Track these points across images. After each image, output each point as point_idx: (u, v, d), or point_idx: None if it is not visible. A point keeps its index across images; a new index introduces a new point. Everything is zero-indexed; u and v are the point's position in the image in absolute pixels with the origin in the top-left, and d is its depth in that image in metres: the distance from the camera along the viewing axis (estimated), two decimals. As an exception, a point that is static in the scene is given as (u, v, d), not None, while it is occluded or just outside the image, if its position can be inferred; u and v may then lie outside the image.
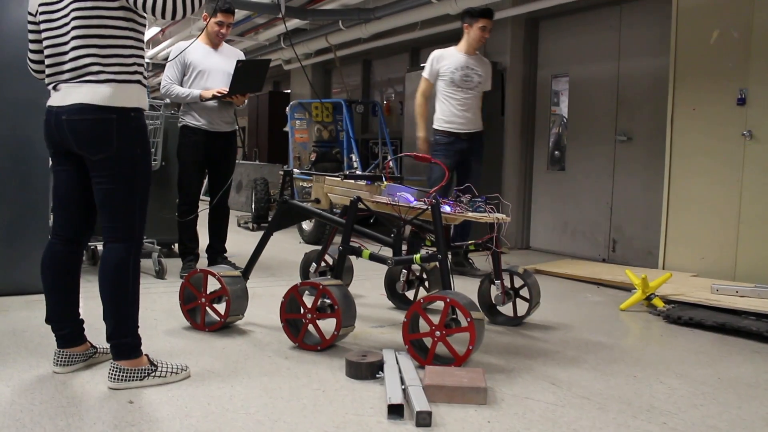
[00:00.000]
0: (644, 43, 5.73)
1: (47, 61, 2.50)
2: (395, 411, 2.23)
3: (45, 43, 2.49)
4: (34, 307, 3.40)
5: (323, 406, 2.33)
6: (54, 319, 2.59)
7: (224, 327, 3.28)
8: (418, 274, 3.96)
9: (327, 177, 3.47)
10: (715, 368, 2.93)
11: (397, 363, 2.68)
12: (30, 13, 2.56)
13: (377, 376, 2.62)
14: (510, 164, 6.75)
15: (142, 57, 2.53)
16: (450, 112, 5.09)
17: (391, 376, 2.52)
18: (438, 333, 2.73)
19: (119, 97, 2.41)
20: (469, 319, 2.65)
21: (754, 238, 4.57)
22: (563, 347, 3.21)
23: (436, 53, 5.22)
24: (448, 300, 2.72)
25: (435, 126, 5.15)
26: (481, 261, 4.81)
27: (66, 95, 2.41)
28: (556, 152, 6.77)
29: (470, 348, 2.68)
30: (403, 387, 2.41)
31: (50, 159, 2.63)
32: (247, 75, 4.33)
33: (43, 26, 2.49)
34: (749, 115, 4.59)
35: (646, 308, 4.06)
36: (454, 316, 2.78)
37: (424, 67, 5.27)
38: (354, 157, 7.03)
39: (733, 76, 4.66)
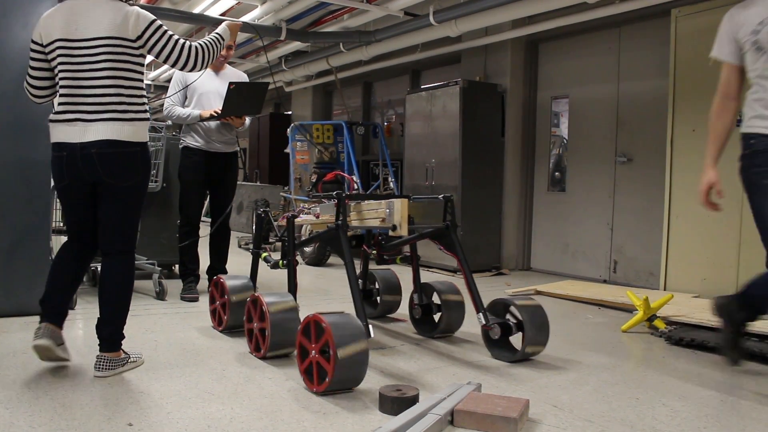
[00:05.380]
0: (643, 65, 5.77)
1: (63, 92, 2.72)
2: None
3: (63, 75, 2.71)
4: (34, 328, 3.39)
5: (324, 429, 2.31)
6: (47, 299, 2.85)
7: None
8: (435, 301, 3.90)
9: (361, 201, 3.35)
10: (719, 390, 2.91)
11: (451, 393, 2.54)
12: (37, 42, 2.76)
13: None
14: (510, 185, 6.76)
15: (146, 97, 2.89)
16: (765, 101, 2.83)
17: (415, 408, 2.36)
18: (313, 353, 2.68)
19: (140, 134, 2.78)
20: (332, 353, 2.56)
21: (755, 258, 4.54)
22: (565, 369, 3.19)
23: (731, 11, 3.00)
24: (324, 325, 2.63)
25: (745, 129, 2.90)
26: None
27: (86, 131, 2.67)
28: (557, 173, 6.78)
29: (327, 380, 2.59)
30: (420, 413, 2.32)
31: (60, 190, 2.86)
32: (241, 97, 4.31)
33: (60, 59, 2.69)
34: (748, 136, 4.59)
35: (648, 329, 4.04)
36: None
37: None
38: (354, 178, 7.04)
39: (732, 97, 4.67)
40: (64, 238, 2.99)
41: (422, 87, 7.09)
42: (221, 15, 6.92)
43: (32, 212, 3.80)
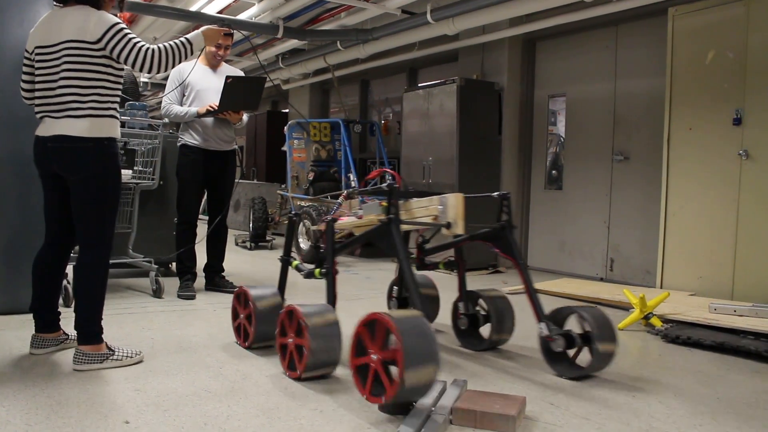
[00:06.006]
0: (640, 63, 5.78)
1: (38, 94, 2.92)
2: None
3: (38, 79, 2.91)
4: (31, 326, 3.39)
5: (321, 427, 2.32)
6: (36, 308, 3.05)
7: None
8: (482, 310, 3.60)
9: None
10: (714, 388, 2.92)
11: (442, 392, 2.53)
12: (27, 51, 2.98)
13: (412, 406, 2.40)
14: (507, 183, 6.76)
15: (118, 95, 2.96)
16: None
17: (422, 407, 2.35)
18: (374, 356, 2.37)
19: (95, 129, 2.85)
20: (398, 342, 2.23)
21: (751, 257, 4.57)
22: (561, 367, 3.19)
23: None
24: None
25: None
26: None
27: (50, 127, 2.86)
28: (554, 171, 6.79)
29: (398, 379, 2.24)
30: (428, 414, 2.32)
31: (41, 180, 3.05)
32: (238, 92, 4.31)
33: (37, 65, 2.91)
34: (745, 135, 4.61)
35: (644, 327, 4.05)
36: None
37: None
38: (352, 176, 7.04)
39: (729, 96, 4.69)
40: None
41: (419, 85, 7.08)
42: (218, 12, 6.90)
43: (28, 209, 3.78)
